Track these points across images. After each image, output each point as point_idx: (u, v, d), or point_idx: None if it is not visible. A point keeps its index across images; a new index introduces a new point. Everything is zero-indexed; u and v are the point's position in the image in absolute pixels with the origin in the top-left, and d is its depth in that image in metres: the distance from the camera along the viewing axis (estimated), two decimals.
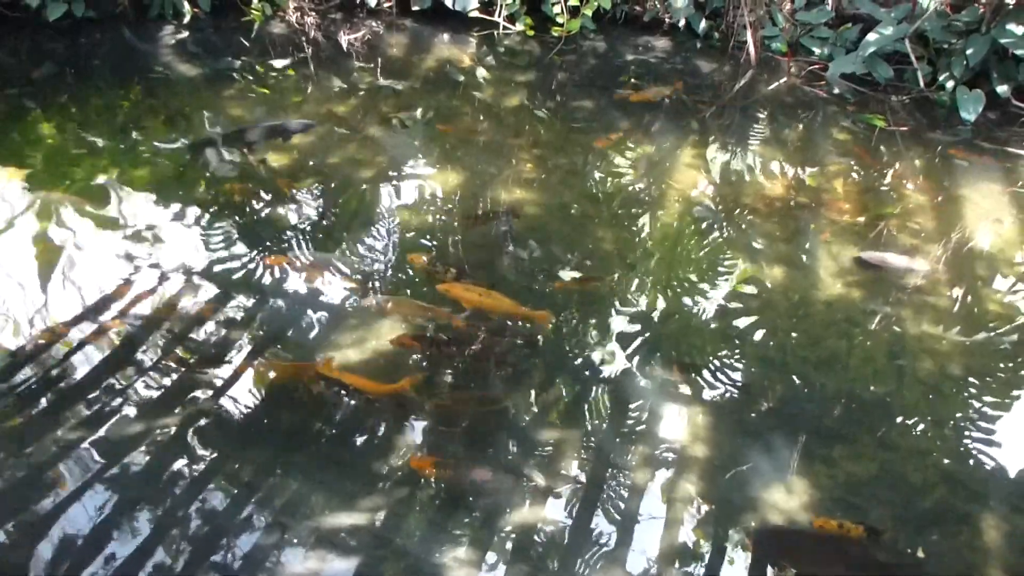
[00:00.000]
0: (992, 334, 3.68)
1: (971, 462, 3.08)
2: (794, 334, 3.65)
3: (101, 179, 4.55)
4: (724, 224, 4.38)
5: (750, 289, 3.90)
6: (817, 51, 6.22)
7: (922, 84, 5.74)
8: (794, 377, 3.41)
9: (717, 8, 6.65)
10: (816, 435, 3.16)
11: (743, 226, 4.35)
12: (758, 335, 3.63)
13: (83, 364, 3.33)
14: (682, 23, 6.66)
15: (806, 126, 5.52)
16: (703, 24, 6.61)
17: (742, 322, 3.70)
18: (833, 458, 3.06)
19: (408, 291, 3.78)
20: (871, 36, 5.76)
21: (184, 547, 2.68)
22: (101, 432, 3.04)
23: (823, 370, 3.44)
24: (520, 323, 3.58)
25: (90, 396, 3.18)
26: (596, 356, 3.49)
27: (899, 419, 3.24)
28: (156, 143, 4.88)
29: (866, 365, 3.49)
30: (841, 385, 3.37)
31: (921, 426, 3.21)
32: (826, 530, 2.77)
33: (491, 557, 2.70)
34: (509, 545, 2.73)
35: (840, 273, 3.98)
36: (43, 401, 3.16)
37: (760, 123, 5.55)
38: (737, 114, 5.69)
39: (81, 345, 3.41)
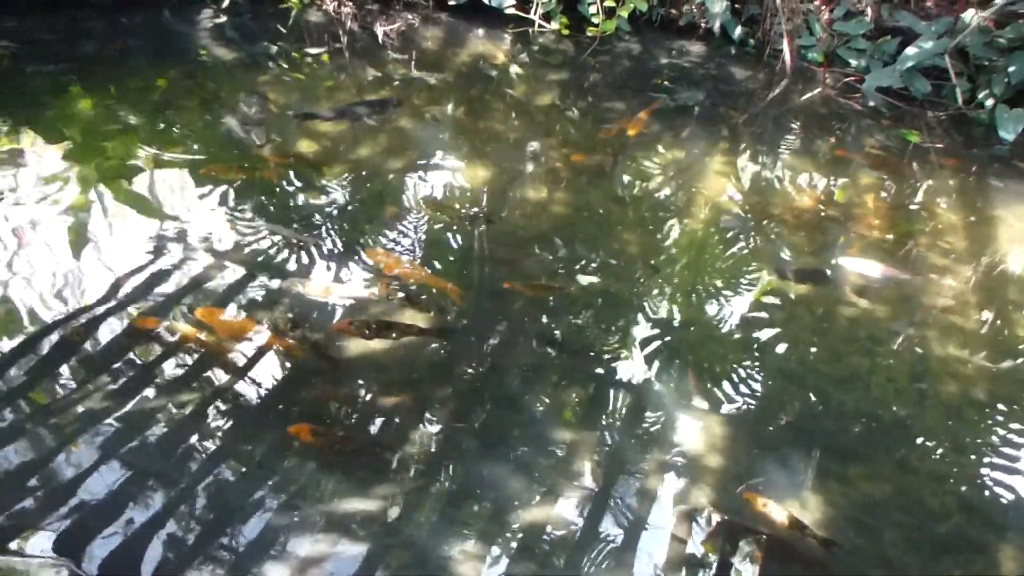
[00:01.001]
0: (1020, 361, 3.63)
1: (990, 491, 3.05)
2: (815, 349, 3.62)
3: (134, 157, 4.60)
4: (751, 233, 4.35)
5: (773, 300, 3.88)
6: (854, 63, 6.16)
7: (960, 101, 5.67)
8: (813, 392, 3.39)
9: (754, 15, 6.60)
10: (832, 452, 3.13)
11: (770, 236, 4.32)
12: (779, 347, 3.61)
13: (108, 338, 3.38)
14: (717, 28, 6.62)
15: (839, 138, 5.47)
16: (739, 30, 6.57)
17: (764, 333, 3.68)
18: (848, 476, 3.04)
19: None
20: (910, 50, 5.70)
21: (197, 522, 2.72)
22: (122, 406, 3.07)
23: (843, 387, 3.42)
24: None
25: (113, 370, 3.22)
26: (612, 358, 3.49)
27: (918, 442, 3.21)
28: (231, 119, 4.93)
29: (887, 385, 3.46)
30: (861, 403, 3.35)
31: (941, 451, 3.18)
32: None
33: (498, 552, 2.71)
34: (517, 542, 2.74)
35: (866, 290, 3.94)
36: (68, 373, 3.21)
37: (792, 133, 5.52)
38: (769, 123, 5.65)
39: (106, 319, 3.45)
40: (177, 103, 5.21)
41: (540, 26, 6.61)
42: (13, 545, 2.55)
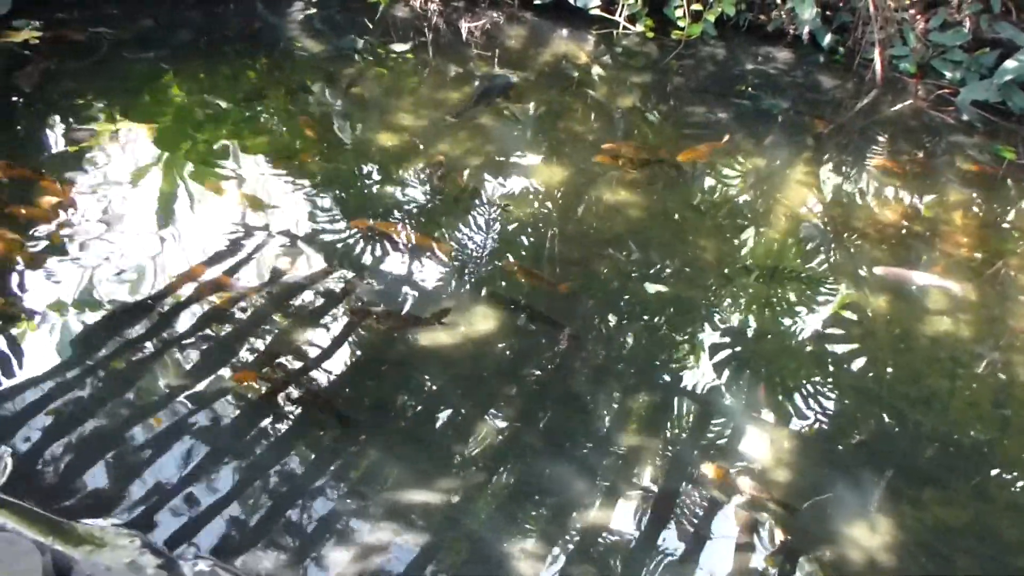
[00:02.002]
0: None
1: None
2: (893, 368, 3.52)
3: (222, 143, 4.75)
4: (831, 246, 4.25)
5: (851, 316, 3.78)
6: (948, 75, 5.95)
7: None
8: (889, 412, 3.29)
9: (845, 23, 6.43)
10: (906, 475, 3.04)
11: (850, 250, 4.21)
12: (855, 364, 3.52)
13: (187, 317, 3.49)
14: (806, 35, 6.47)
15: (928, 152, 5.29)
16: (828, 38, 6.41)
17: (839, 348, 3.59)
18: (922, 501, 2.94)
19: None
20: (1010, 63, 5.48)
21: (262, 501, 2.79)
22: (197, 383, 3.17)
23: (921, 408, 3.31)
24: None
25: (190, 348, 3.33)
26: (680, 365, 3.45)
27: (998, 470, 3.09)
28: (318, 110, 5.05)
29: (968, 409, 3.34)
30: (938, 426, 3.24)
31: (1021, 481, 3.06)
32: None
33: (556, 552, 2.71)
34: (575, 544, 2.73)
35: (949, 309, 3.81)
36: (148, 348, 3.32)
37: (879, 145, 5.36)
38: (856, 134, 5.51)
39: (187, 299, 3.57)
40: (265, 93, 5.34)
41: (624, 28, 6.57)
42: (89, 515, 2.65)
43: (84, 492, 2.73)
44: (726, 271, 3.99)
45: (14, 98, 4.98)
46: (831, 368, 3.50)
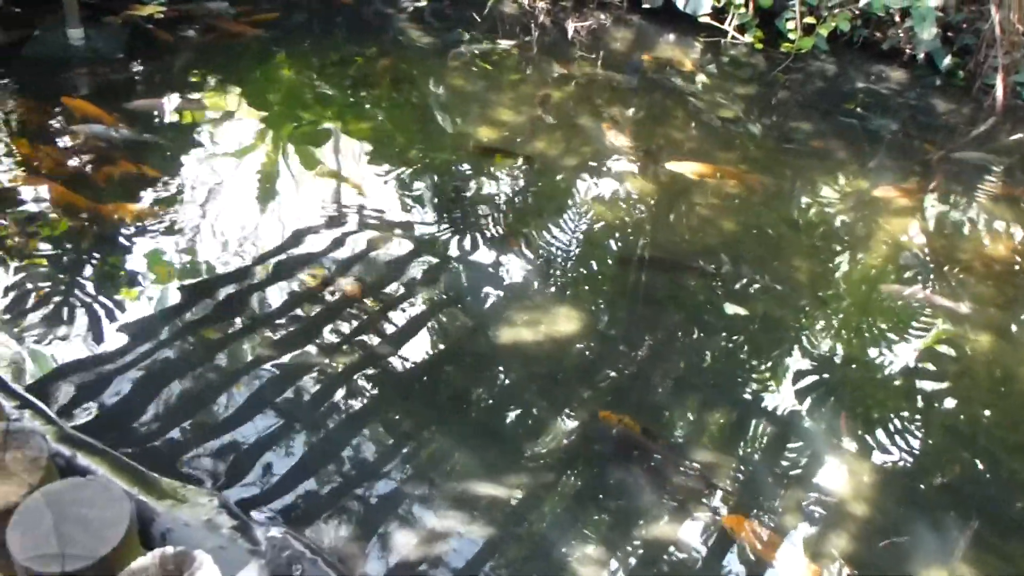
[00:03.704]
0: None
1: None
2: (990, 411, 3.37)
3: (326, 126, 4.87)
4: (930, 277, 4.09)
5: (947, 351, 3.64)
6: None
7: None
8: (981, 456, 3.15)
9: (967, 45, 6.18)
10: (994, 524, 2.90)
11: (952, 283, 4.05)
12: (947, 402, 3.38)
13: (277, 293, 3.59)
14: (923, 56, 6.25)
15: None
16: (947, 60, 6.17)
17: (931, 385, 3.46)
18: (1009, 553, 2.80)
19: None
20: None
21: (334, 476, 2.85)
22: (282, 357, 3.26)
23: (1018, 457, 3.16)
24: None
25: (278, 323, 3.42)
26: (761, 386, 3.38)
27: None
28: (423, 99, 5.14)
29: None
30: None
31: None
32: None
33: (617, 563, 2.69)
34: (637, 557, 2.71)
35: None
36: (239, 320, 3.43)
37: (993, 175, 5.13)
38: (969, 162, 5.29)
39: (279, 275, 3.67)
40: (370, 80, 5.45)
41: (733, 38, 6.46)
42: (171, 470, 2.75)
43: (167, 449, 2.84)
44: (819, 293, 3.88)
45: (136, 68, 5.21)
46: (920, 404, 3.37)
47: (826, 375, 3.46)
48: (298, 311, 3.49)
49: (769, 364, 3.51)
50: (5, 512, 1.46)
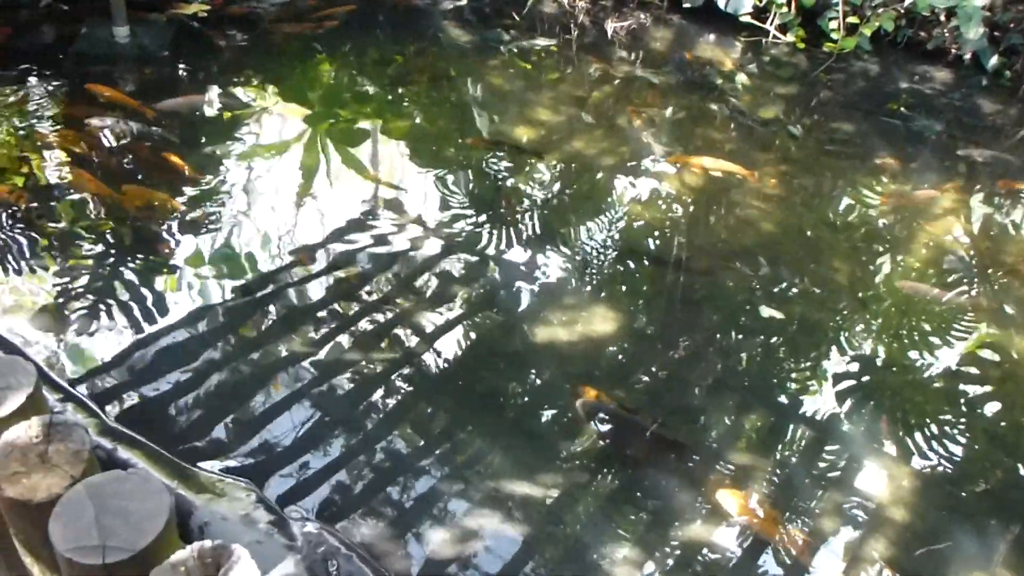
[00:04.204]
0: None
1: None
2: None
3: (364, 124, 4.91)
4: (974, 280, 4.02)
5: (990, 356, 3.56)
6: None
7: None
8: None
9: (1015, 45, 6.05)
10: None
11: (995, 287, 3.97)
12: (990, 407, 3.32)
13: (315, 289, 3.63)
14: (969, 56, 6.12)
15: None
16: (994, 60, 6.04)
17: (974, 389, 3.40)
18: None
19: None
20: None
21: (368, 472, 2.87)
22: (317, 353, 3.29)
23: None
24: None
25: (315, 318, 3.46)
26: (800, 388, 3.34)
27: None
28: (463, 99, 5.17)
29: None
30: None
31: None
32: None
33: (653, 565, 2.67)
34: (675, 558, 2.69)
35: None
36: (275, 314, 3.48)
37: None
38: (1015, 164, 5.18)
39: (316, 272, 3.71)
40: (409, 78, 5.48)
41: (774, 37, 6.39)
42: (209, 465, 2.79)
43: (204, 442, 2.88)
44: (859, 295, 3.83)
45: (181, 66, 5.30)
46: (963, 409, 3.31)
47: (866, 378, 3.41)
48: (334, 308, 3.52)
49: (809, 366, 3.47)
50: (48, 503, 1.49)
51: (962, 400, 3.35)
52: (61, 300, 3.40)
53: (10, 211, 3.83)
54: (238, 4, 6.10)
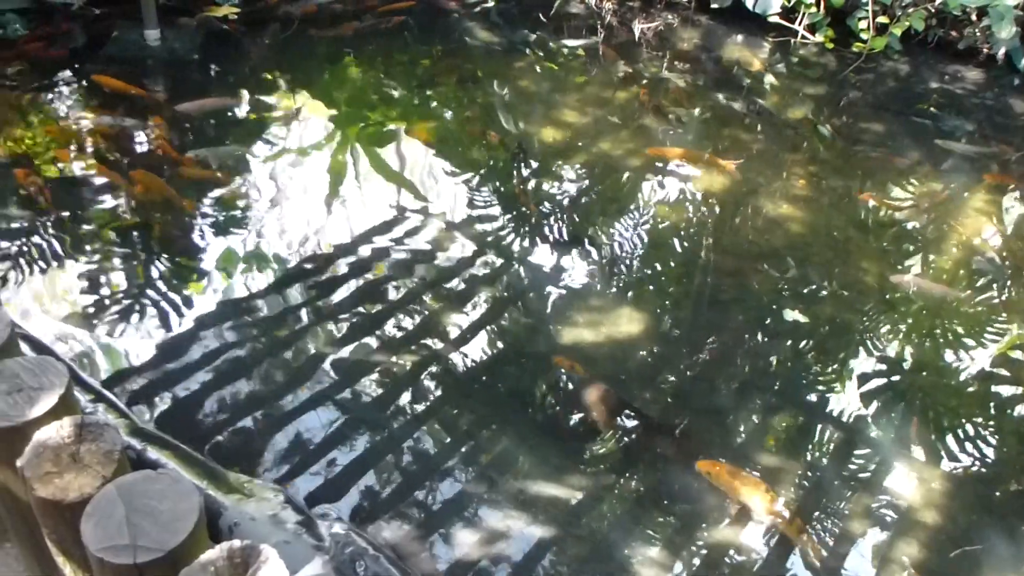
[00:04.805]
0: None
1: None
2: None
3: (391, 126, 4.93)
4: (1006, 282, 3.96)
5: (1022, 357, 3.51)
6: None
7: None
8: None
9: None
10: None
11: None
12: (1022, 409, 3.27)
13: (342, 290, 3.65)
14: (1001, 56, 6.04)
15: None
16: None
17: (1006, 391, 3.35)
18: None
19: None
20: None
21: (393, 475, 2.88)
22: (343, 352, 3.32)
23: None
24: None
25: (341, 318, 3.48)
26: (828, 389, 3.31)
27: None
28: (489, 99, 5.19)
29: None
30: None
31: None
32: None
33: (681, 564, 2.66)
34: (701, 558, 2.68)
35: None
36: (303, 314, 3.50)
37: None
38: None
39: (344, 272, 3.74)
40: (437, 80, 5.50)
41: (803, 37, 6.33)
42: (238, 465, 2.82)
43: (233, 443, 2.91)
44: (888, 296, 3.79)
45: (211, 67, 5.36)
46: (994, 411, 3.27)
47: (896, 379, 3.37)
48: (361, 308, 3.54)
49: (837, 367, 3.44)
50: (80, 503, 1.50)
51: (993, 402, 3.31)
52: (91, 299, 3.45)
53: (38, 209, 3.89)
54: (303, 3, 6.19)
